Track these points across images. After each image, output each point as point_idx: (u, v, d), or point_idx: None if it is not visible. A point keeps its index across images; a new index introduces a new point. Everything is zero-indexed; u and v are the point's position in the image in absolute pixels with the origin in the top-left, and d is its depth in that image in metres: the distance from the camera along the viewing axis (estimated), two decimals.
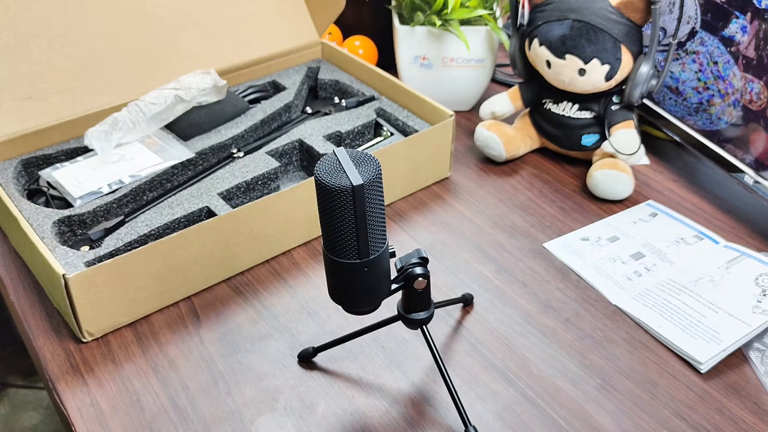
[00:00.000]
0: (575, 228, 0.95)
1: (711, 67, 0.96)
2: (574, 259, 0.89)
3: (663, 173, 1.06)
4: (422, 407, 0.72)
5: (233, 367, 0.76)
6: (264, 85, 1.10)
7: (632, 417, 0.71)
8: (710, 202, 1.00)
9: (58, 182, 0.89)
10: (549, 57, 0.98)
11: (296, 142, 0.98)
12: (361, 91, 1.09)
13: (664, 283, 0.85)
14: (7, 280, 0.86)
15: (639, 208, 0.98)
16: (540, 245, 0.92)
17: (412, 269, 0.65)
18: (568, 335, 0.80)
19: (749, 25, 0.89)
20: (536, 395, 0.73)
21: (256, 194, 0.92)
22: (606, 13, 0.94)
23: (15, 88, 0.92)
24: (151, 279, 0.79)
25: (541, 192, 1.02)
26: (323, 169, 0.57)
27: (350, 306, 0.65)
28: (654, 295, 0.84)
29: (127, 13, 1.00)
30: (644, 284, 0.85)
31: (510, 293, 0.85)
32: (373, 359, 0.77)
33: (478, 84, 1.16)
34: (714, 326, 0.78)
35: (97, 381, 0.74)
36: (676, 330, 0.79)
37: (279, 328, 0.80)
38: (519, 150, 1.07)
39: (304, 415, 0.71)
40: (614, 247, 0.91)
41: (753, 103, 0.91)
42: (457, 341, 0.79)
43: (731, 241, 0.92)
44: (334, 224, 0.58)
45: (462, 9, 1.08)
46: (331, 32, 1.28)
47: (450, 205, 0.99)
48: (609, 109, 1.01)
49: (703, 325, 0.79)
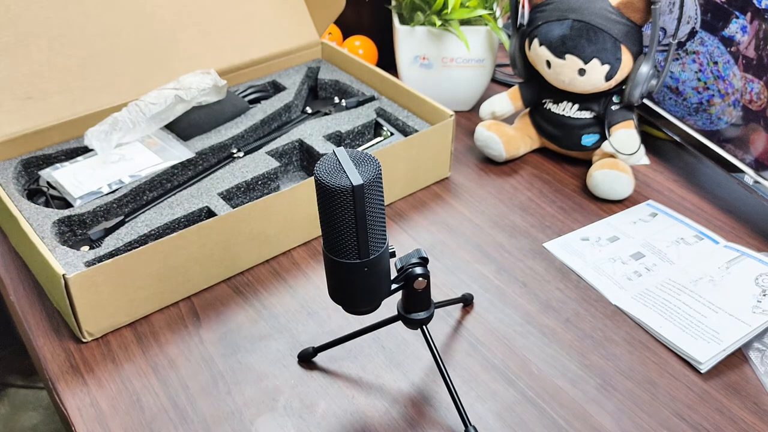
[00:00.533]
0: (575, 228, 0.95)
1: (711, 67, 0.96)
2: (574, 259, 0.89)
3: (663, 173, 1.06)
4: (422, 407, 0.72)
5: (233, 367, 0.76)
6: (264, 85, 1.10)
7: (632, 417, 0.71)
8: (710, 202, 1.00)
9: (58, 182, 0.89)
10: (549, 57, 0.98)
11: (296, 142, 0.98)
12: (361, 91, 1.08)
13: (664, 283, 0.85)
14: (7, 280, 0.86)
15: (639, 208, 0.98)
16: (540, 245, 0.92)
17: (412, 269, 0.65)
18: (568, 335, 0.80)
19: (749, 25, 0.88)
20: (536, 395, 0.73)
21: (256, 194, 0.92)
22: (606, 13, 0.94)
23: (15, 88, 0.92)
24: (151, 279, 0.79)
25: (541, 192, 1.02)
26: (323, 169, 0.57)
27: (350, 306, 0.65)
28: (654, 295, 0.84)
29: (127, 13, 1.00)
30: (644, 284, 0.85)
31: (510, 293, 0.85)
32: (373, 359, 0.77)
33: (478, 84, 1.16)
34: (714, 326, 0.78)
35: (97, 381, 0.74)
36: (676, 330, 0.79)
37: (279, 328, 0.80)
38: (519, 150, 1.07)
39: (304, 415, 0.71)
40: (614, 247, 0.91)
41: (753, 103, 0.91)
42: (457, 341, 0.79)
43: (731, 241, 0.92)
44: (334, 224, 0.58)
45: (462, 9, 1.08)
46: (331, 32, 1.28)
47: (450, 205, 0.99)
48: (609, 109, 1.01)
49: (703, 325, 0.79)
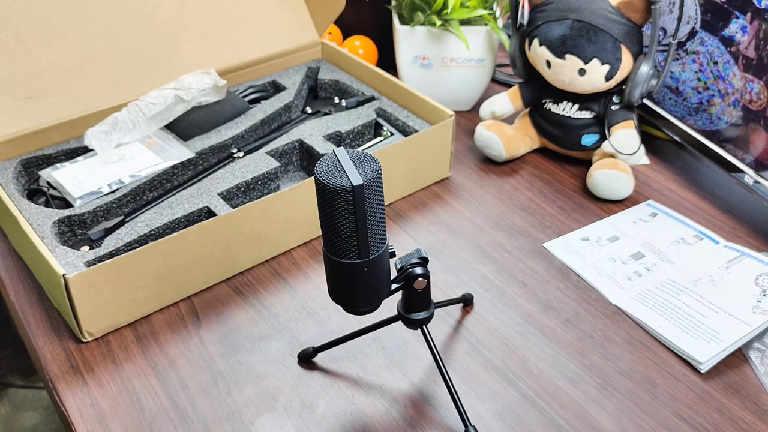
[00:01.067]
0: (575, 228, 0.95)
1: (711, 67, 0.96)
2: (574, 259, 0.89)
3: (663, 173, 1.06)
4: (422, 407, 0.72)
5: (233, 367, 0.76)
6: (264, 85, 1.10)
7: (632, 417, 0.71)
8: (710, 202, 1.00)
9: (58, 182, 0.89)
10: (549, 57, 0.98)
11: (296, 142, 0.98)
12: (361, 91, 1.08)
13: (664, 283, 0.85)
14: (7, 280, 0.86)
15: (639, 208, 0.98)
16: (540, 245, 0.92)
17: (412, 269, 0.65)
18: (568, 335, 0.80)
19: (749, 25, 0.88)
20: (536, 395, 0.73)
21: (256, 194, 0.92)
22: (606, 13, 0.94)
23: (15, 88, 0.92)
24: (151, 279, 0.79)
25: (541, 192, 1.02)
26: (323, 169, 0.57)
27: (350, 306, 0.65)
28: (654, 295, 0.83)
29: (127, 13, 1.00)
30: (644, 284, 0.85)
31: (510, 293, 0.85)
32: (373, 359, 0.77)
33: (478, 84, 1.16)
34: (714, 326, 0.78)
35: (97, 381, 0.74)
36: (676, 330, 0.79)
37: (279, 328, 0.80)
38: (519, 150, 1.07)
39: (304, 415, 0.71)
40: (614, 247, 0.91)
41: (753, 103, 0.91)
42: (457, 341, 0.79)
43: (731, 241, 0.92)
44: (334, 224, 0.58)
45: (462, 9, 1.08)
46: (331, 32, 1.28)
47: (450, 205, 0.99)
48: (609, 109, 1.01)
49: (703, 325, 0.79)
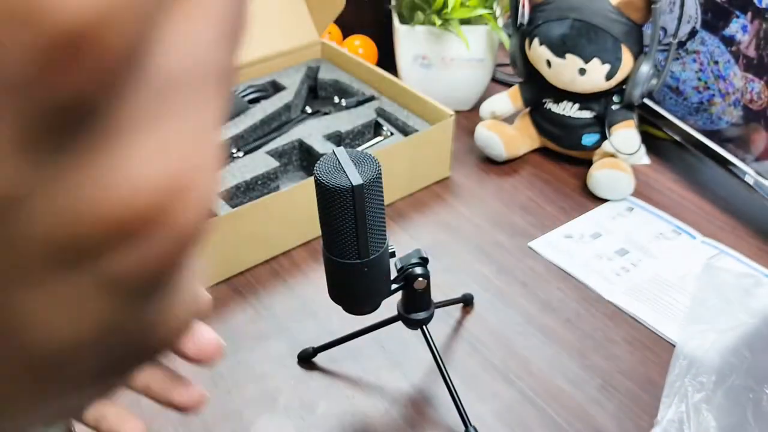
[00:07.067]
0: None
1: (711, 66, 0.95)
2: (562, 257, 0.89)
3: (663, 173, 1.06)
4: (422, 407, 0.72)
5: (233, 367, 0.76)
6: (264, 84, 1.10)
7: (633, 417, 0.71)
8: (711, 201, 1.00)
9: None
10: (549, 56, 0.98)
11: (296, 141, 0.98)
12: (361, 90, 1.08)
13: (652, 279, 0.86)
14: None
15: (615, 203, 0.98)
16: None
17: (412, 269, 0.65)
18: (568, 335, 0.79)
19: (750, 25, 0.88)
20: (536, 395, 0.73)
21: (256, 194, 0.92)
22: (606, 13, 0.94)
23: None
24: None
25: (541, 192, 1.01)
26: (323, 169, 0.57)
27: (350, 306, 0.65)
28: (646, 290, 0.84)
29: None
30: (632, 280, 0.86)
31: (510, 293, 0.85)
32: (373, 359, 0.77)
33: (478, 84, 1.16)
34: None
35: None
36: (675, 328, 0.79)
37: (279, 328, 0.80)
38: (519, 150, 1.06)
39: (304, 415, 0.71)
40: (598, 244, 0.91)
41: (754, 102, 0.90)
42: (457, 341, 0.79)
43: (731, 241, 0.92)
44: (333, 224, 0.58)
45: (462, 8, 1.08)
46: (331, 32, 1.27)
47: (450, 205, 0.99)
48: (609, 109, 1.01)
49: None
